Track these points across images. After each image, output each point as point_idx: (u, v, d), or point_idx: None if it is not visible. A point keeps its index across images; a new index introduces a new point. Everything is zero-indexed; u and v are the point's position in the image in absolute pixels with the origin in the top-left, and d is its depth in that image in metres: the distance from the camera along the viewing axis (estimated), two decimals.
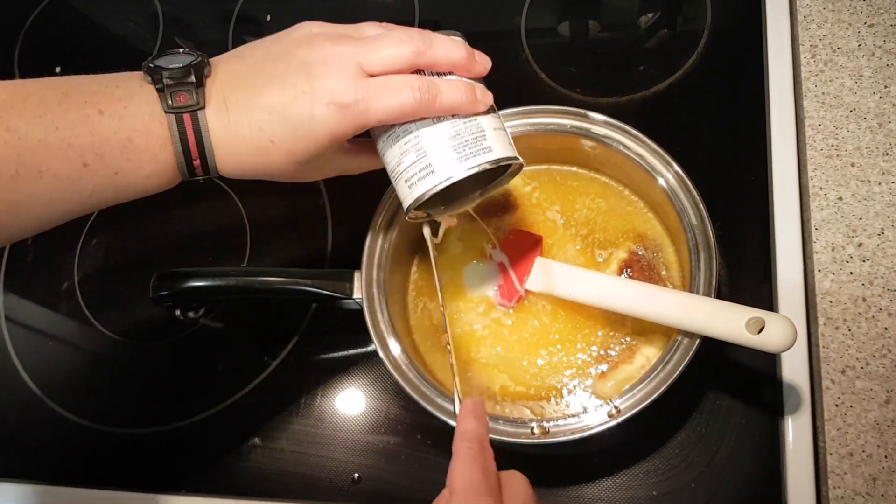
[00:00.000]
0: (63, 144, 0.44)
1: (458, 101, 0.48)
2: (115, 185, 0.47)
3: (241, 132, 0.48)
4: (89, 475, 0.72)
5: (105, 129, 0.45)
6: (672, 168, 0.62)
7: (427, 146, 0.49)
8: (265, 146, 0.48)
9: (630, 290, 0.60)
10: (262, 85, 0.48)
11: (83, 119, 0.45)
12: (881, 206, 0.64)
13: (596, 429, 0.55)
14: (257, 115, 0.47)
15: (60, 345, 0.80)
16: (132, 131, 0.46)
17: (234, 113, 0.47)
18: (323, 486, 0.67)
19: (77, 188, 0.46)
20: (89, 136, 0.45)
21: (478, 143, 0.49)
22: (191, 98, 0.47)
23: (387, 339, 0.62)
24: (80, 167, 0.45)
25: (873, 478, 0.57)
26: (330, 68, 0.47)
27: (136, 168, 0.47)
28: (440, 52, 0.48)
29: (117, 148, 0.46)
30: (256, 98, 0.47)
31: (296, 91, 0.47)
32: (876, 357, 0.60)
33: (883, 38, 0.70)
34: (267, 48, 0.50)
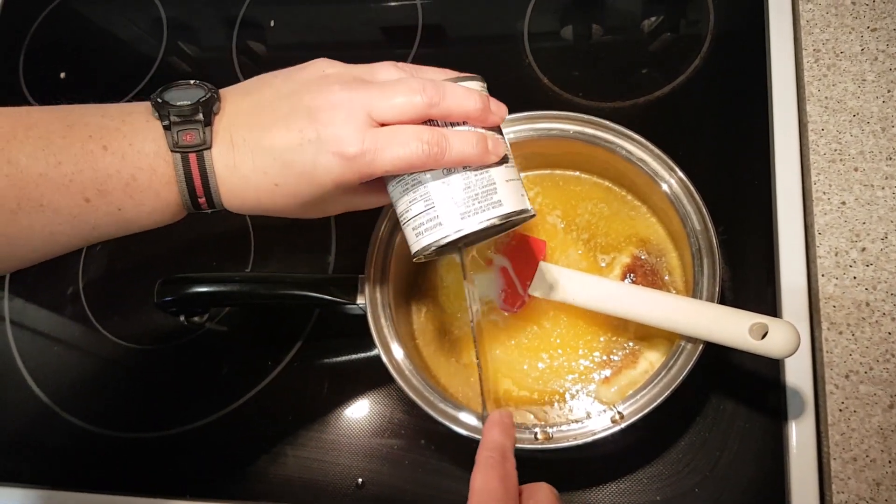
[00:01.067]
0: (65, 180, 0.44)
1: (468, 154, 0.47)
2: (118, 221, 0.47)
3: (245, 174, 0.47)
4: (94, 479, 0.72)
5: (108, 167, 0.45)
6: (675, 173, 0.62)
7: (435, 198, 0.48)
8: (270, 189, 0.47)
9: (633, 295, 0.60)
10: (267, 126, 0.46)
11: (86, 154, 0.44)
12: (885, 211, 0.64)
13: (599, 434, 0.55)
14: (262, 158, 0.46)
15: (65, 349, 0.81)
16: (136, 169, 0.45)
17: (240, 154, 0.46)
18: (327, 491, 0.67)
19: (78, 223, 0.45)
20: (92, 172, 0.44)
21: (487, 197, 0.48)
22: (197, 137, 0.46)
23: (390, 344, 0.62)
24: (82, 202, 0.45)
25: (877, 483, 0.57)
26: (337, 115, 0.45)
27: (139, 205, 0.46)
28: (453, 103, 0.47)
29: (120, 186, 0.45)
30: (261, 140, 0.46)
31: (301, 137, 0.45)
32: (880, 362, 0.60)
33: (886, 42, 0.70)
34: (277, 87, 0.48)
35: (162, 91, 0.47)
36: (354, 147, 0.45)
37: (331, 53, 0.68)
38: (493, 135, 0.49)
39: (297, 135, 0.45)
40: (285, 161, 0.46)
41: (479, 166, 0.48)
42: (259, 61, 0.90)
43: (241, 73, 0.89)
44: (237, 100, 0.48)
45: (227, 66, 0.90)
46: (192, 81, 0.48)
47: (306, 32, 0.91)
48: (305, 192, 0.47)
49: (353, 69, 0.50)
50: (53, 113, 0.46)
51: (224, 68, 0.89)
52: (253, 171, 0.46)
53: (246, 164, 0.46)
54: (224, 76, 0.89)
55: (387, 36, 0.89)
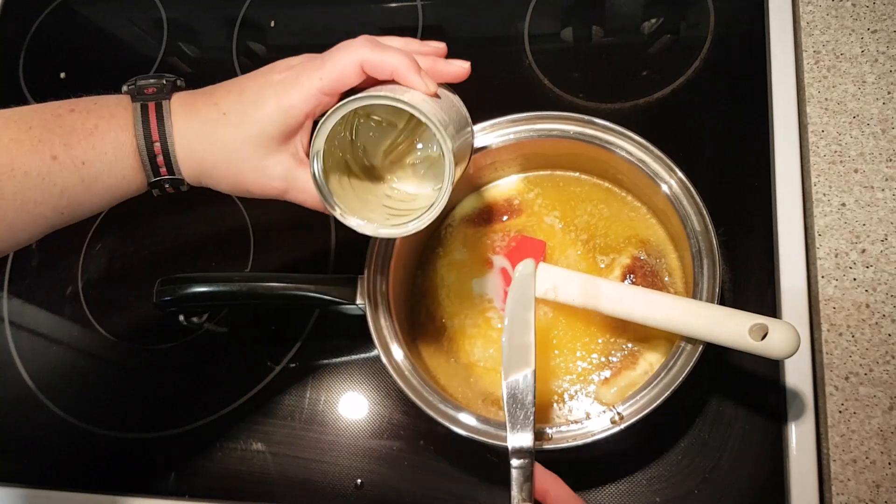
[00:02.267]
0: (34, 140, 0.47)
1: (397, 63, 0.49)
2: (83, 179, 0.49)
3: (198, 109, 0.51)
4: (92, 480, 0.72)
5: (74, 122, 0.49)
6: (675, 174, 0.62)
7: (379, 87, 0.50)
8: (217, 118, 0.51)
9: (633, 296, 0.59)
10: (229, 83, 0.53)
11: (56, 118, 0.49)
12: (885, 212, 0.64)
13: (599, 435, 0.55)
14: (216, 95, 0.52)
15: (64, 349, 0.80)
16: (98, 118, 0.49)
17: (198, 101, 0.52)
18: (325, 492, 0.67)
19: (47, 184, 0.48)
20: (59, 129, 0.48)
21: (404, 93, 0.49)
22: (158, 92, 0.51)
23: (390, 344, 0.62)
24: (49, 160, 0.47)
25: (877, 484, 0.57)
26: (290, 73, 0.51)
27: (100, 154, 0.49)
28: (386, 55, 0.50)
29: (83, 136, 0.49)
30: (219, 90, 0.52)
31: (254, 83, 0.52)
32: (879, 363, 0.60)
33: (886, 44, 0.70)
34: (242, 76, 0.54)
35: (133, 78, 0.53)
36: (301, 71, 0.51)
37: None
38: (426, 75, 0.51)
39: (253, 82, 0.52)
40: (238, 90, 0.52)
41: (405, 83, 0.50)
42: (259, 62, 0.89)
43: (241, 73, 0.88)
44: (204, 88, 0.54)
45: (227, 66, 0.90)
46: (165, 75, 0.53)
47: (306, 33, 0.91)
48: (251, 117, 0.50)
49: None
50: (32, 106, 0.50)
51: (224, 68, 0.89)
52: (207, 105, 0.51)
53: (201, 104, 0.51)
54: (224, 77, 0.88)
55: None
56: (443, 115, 0.50)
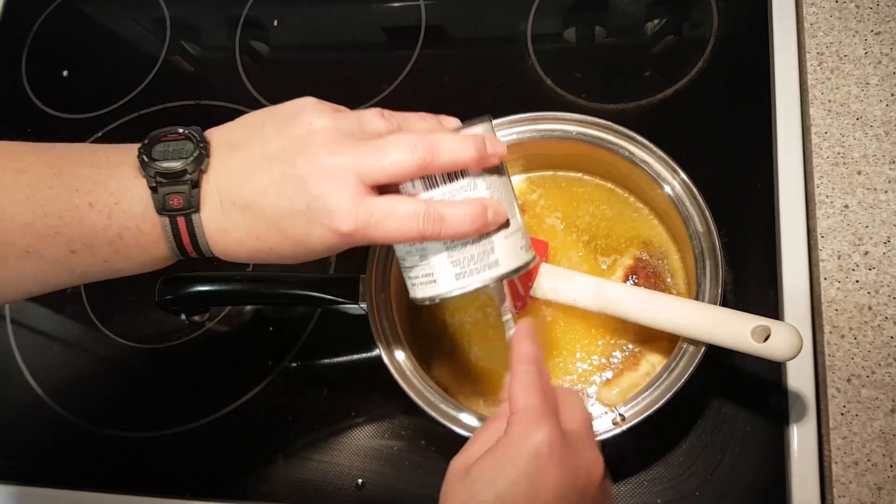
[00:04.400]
0: (50, 231, 0.44)
1: (465, 230, 0.45)
2: (106, 271, 0.47)
3: (238, 238, 0.46)
4: (93, 478, 0.72)
5: (94, 224, 0.45)
6: (678, 175, 0.62)
7: (430, 257, 0.47)
8: (265, 251, 0.47)
9: (635, 297, 0.59)
10: (260, 191, 0.45)
11: (72, 209, 0.44)
12: (887, 215, 0.64)
13: (600, 436, 0.55)
14: (255, 224, 0.45)
15: (66, 348, 0.80)
16: (122, 229, 0.45)
17: (231, 219, 0.46)
18: (326, 492, 0.67)
19: (66, 270, 0.46)
20: (78, 227, 0.44)
21: (484, 258, 0.47)
22: (184, 201, 0.45)
23: (391, 344, 0.62)
24: (68, 253, 0.45)
25: (878, 487, 0.57)
26: (326, 186, 0.44)
27: (126, 259, 0.47)
28: (447, 159, 0.45)
29: (106, 242, 0.45)
30: (255, 206, 0.45)
31: (292, 207, 0.44)
32: (882, 366, 0.60)
33: (890, 45, 0.70)
34: (265, 141, 0.46)
35: (149, 145, 0.46)
36: (347, 225, 0.44)
37: (334, 54, 0.68)
38: (494, 201, 0.47)
39: (288, 204, 0.44)
40: (280, 228, 0.45)
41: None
42: (262, 61, 0.90)
43: (243, 72, 0.89)
44: (225, 155, 0.47)
45: (230, 65, 0.90)
46: (181, 131, 0.47)
47: (309, 32, 0.91)
48: (300, 256, 0.47)
49: (341, 121, 0.46)
50: (45, 156, 0.45)
51: (227, 68, 0.89)
52: (247, 236, 0.46)
53: (238, 230, 0.46)
54: (227, 76, 0.89)
55: (389, 36, 0.89)
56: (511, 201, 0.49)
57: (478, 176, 0.47)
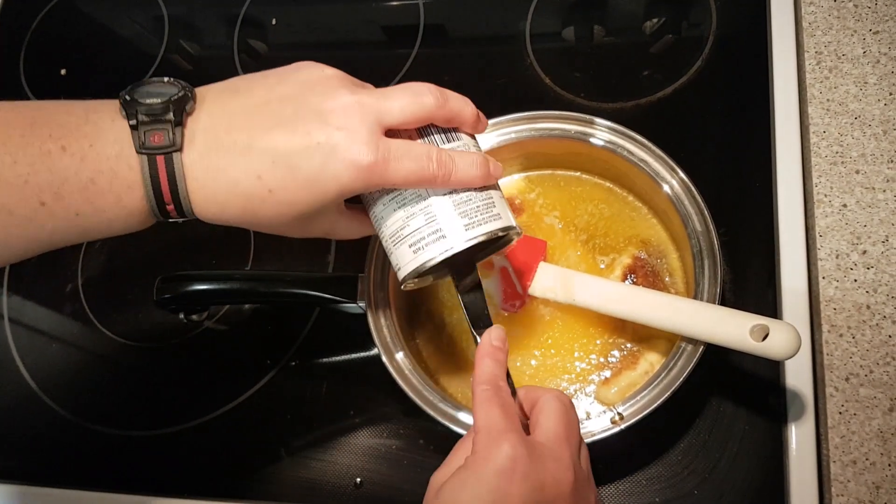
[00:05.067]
0: (19, 180, 0.41)
1: (473, 176, 0.47)
2: (76, 226, 0.44)
3: (233, 176, 0.44)
4: (91, 478, 0.72)
5: (65, 169, 0.42)
6: (677, 174, 0.62)
7: (437, 211, 0.47)
8: (261, 195, 0.44)
9: (634, 296, 0.59)
10: (266, 128, 0.43)
11: (43, 155, 0.41)
12: (886, 214, 0.64)
13: (599, 435, 0.55)
14: (258, 160, 0.43)
15: (64, 347, 0.80)
16: (94, 172, 0.42)
17: (229, 157, 0.43)
18: (325, 491, 0.67)
19: (33, 227, 0.43)
20: (48, 173, 0.41)
21: (488, 210, 0.48)
22: (166, 138, 0.42)
23: (389, 343, 0.62)
24: (37, 205, 0.42)
25: (877, 486, 0.57)
26: (350, 120, 0.43)
27: (99, 211, 0.43)
28: (455, 107, 0.47)
29: (77, 189, 0.42)
30: (259, 141, 0.43)
31: (309, 140, 0.43)
32: (880, 365, 0.60)
33: (888, 45, 0.70)
34: (270, 86, 0.45)
35: (132, 88, 0.44)
36: (369, 156, 0.43)
37: (332, 52, 0.68)
38: (492, 158, 0.49)
39: (304, 138, 0.43)
40: (289, 165, 0.43)
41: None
42: (260, 59, 0.90)
43: (242, 71, 0.89)
44: (223, 99, 0.45)
45: (228, 64, 0.90)
46: (167, 79, 0.45)
47: (308, 31, 0.91)
48: (303, 200, 0.44)
49: (349, 76, 0.47)
50: (19, 110, 0.43)
51: (225, 66, 0.89)
52: (244, 174, 0.43)
53: (235, 167, 0.43)
54: (225, 74, 0.88)
55: (388, 35, 0.89)
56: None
57: (469, 140, 0.50)
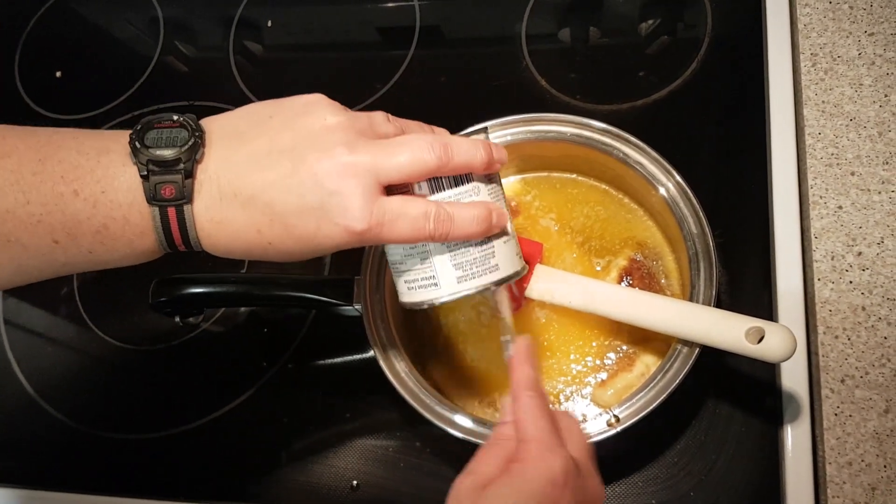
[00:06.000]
0: (32, 219, 0.42)
1: (471, 232, 0.46)
2: (89, 262, 0.45)
3: (236, 229, 0.44)
4: (86, 481, 0.72)
5: (78, 213, 0.43)
6: (672, 176, 0.62)
7: (434, 261, 0.47)
8: (262, 245, 0.45)
9: (629, 299, 0.59)
10: (267, 183, 0.43)
11: (56, 197, 0.42)
12: (881, 215, 0.64)
13: (595, 437, 0.55)
14: (257, 216, 0.44)
15: (59, 349, 0.80)
16: (108, 219, 0.43)
17: (230, 209, 0.44)
18: (321, 493, 0.67)
19: (48, 260, 0.44)
20: (61, 215, 0.42)
21: (486, 262, 0.48)
22: (177, 191, 0.43)
23: (386, 346, 0.61)
24: (51, 243, 0.43)
25: (872, 487, 0.57)
26: (344, 183, 0.43)
27: (111, 251, 0.44)
28: (460, 161, 0.46)
29: (90, 232, 0.43)
30: (259, 196, 0.44)
31: (303, 203, 0.43)
32: (875, 366, 0.60)
33: (883, 46, 0.70)
34: (273, 134, 0.45)
35: (142, 130, 0.44)
36: (361, 224, 0.43)
37: (328, 54, 0.68)
38: (497, 207, 0.48)
39: (298, 200, 0.43)
40: (285, 224, 0.44)
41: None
42: (256, 61, 0.90)
43: (237, 72, 0.88)
44: (228, 146, 0.45)
45: (223, 65, 0.89)
46: (176, 118, 0.45)
47: (303, 33, 0.91)
48: (300, 252, 0.45)
49: (354, 120, 0.46)
50: (29, 140, 0.43)
51: (221, 68, 0.89)
52: (245, 227, 0.44)
53: (237, 220, 0.44)
54: (221, 76, 0.89)
55: (384, 37, 0.89)
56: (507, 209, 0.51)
57: (480, 181, 0.48)
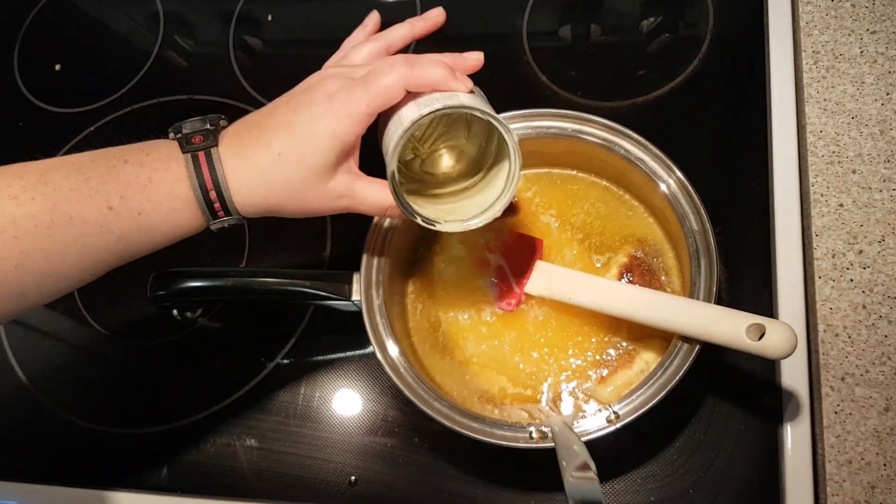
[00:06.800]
0: (92, 191, 0.50)
1: (435, 71, 0.53)
2: (140, 228, 0.52)
3: (250, 154, 0.53)
4: (84, 475, 0.72)
5: (128, 175, 0.51)
6: (673, 173, 0.62)
7: (402, 112, 0.53)
8: (274, 160, 0.53)
9: (630, 295, 0.59)
10: (270, 116, 0.55)
11: (110, 169, 0.51)
12: (882, 213, 0.64)
13: (594, 434, 0.55)
14: (265, 135, 0.53)
15: (57, 343, 0.80)
16: (151, 171, 0.52)
17: (246, 143, 0.54)
18: (319, 489, 0.67)
19: (104, 232, 0.51)
20: (115, 181, 0.51)
21: (455, 98, 0.53)
22: (205, 140, 0.53)
23: (385, 341, 0.61)
24: (106, 210, 0.50)
25: (872, 486, 0.57)
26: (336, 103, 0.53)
27: (156, 206, 0.52)
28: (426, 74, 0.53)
29: (138, 189, 0.51)
30: (265, 127, 0.54)
31: (297, 106, 0.54)
32: (876, 364, 0.60)
33: (885, 44, 0.70)
34: (277, 100, 0.57)
35: (177, 126, 0.55)
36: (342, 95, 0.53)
37: (329, 49, 0.68)
38: (461, 75, 0.56)
39: (294, 112, 0.54)
40: (287, 128, 0.53)
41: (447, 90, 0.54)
42: (256, 56, 0.90)
43: (237, 67, 0.88)
44: (245, 117, 0.57)
45: (223, 60, 0.89)
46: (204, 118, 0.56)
47: (303, 28, 0.91)
48: (308, 153, 0.53)
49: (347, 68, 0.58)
50: (90, 152, 0.53)
51: (221, 63, 0.89)
52: (258, 149, 0.53)
53: (250, 147, 0.53)
54: (220, 71, 0.88)
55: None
56: (486, 105, 0.55)
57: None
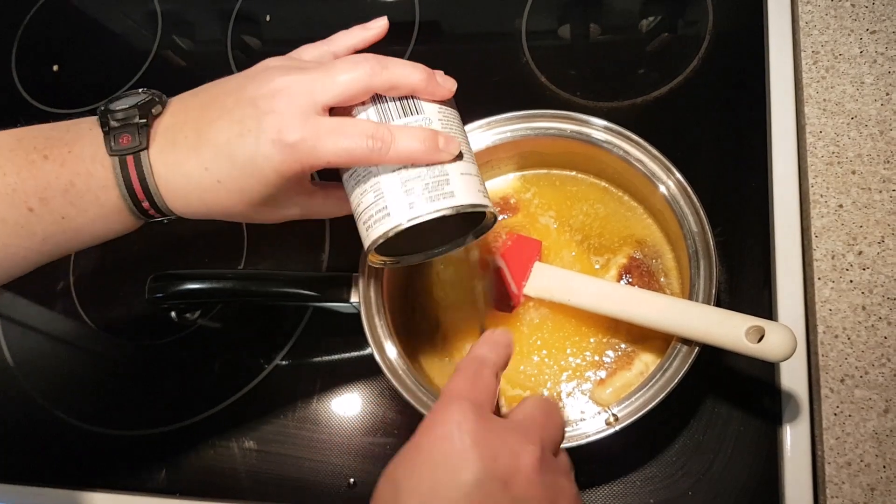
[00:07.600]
0: (8, 189, 0.44)
1: (414, 150, 0.45)
2: (65, 231, 0.47)
3: (187, 171, 0.46)
4: (82, 477, 0.72)
5: (47, 174, 0.45)
6: (673, 174, 0.62)
7: (384, 188, 0.46)
8: (213, 186, 0.46)
9: (629, 297, 0.59)
10: (211, 121, 0.46)
11: (29, 164, 0.45)
12: (882, 214, 0.64)
13: (593, 436, 0.55)
14: (204, 153, 0.45)
15: (55, 345, 0.80)
16: (73, 174, 0.45)
17: (181, 152, 0.46)
18: (318, 491, 0.66)
19: (26, 233, 0.46)
20: (33, 180, 0.45)
21: (439, 188, 0.46)
22: (133, 139, 0.45)
23: (384, 343, 0.61)
24: (26, 211, 0.45)
25: (871, 488, 0.57)
26: (278, 102, 0.45)
27: (82, 212, 0.46)
28: (397, 72, 0.46)
29: (59, 192, 0.45)
30: (204, 136, 0.45)
31: (242, 127, 0.45)
32: (875, 366, 0.60)
33: (885, 45, 0.70)
34: (223, 84, 0.48)
35: (108, 100, 0.47)
36: (294, 134, 0.44)
37: None
38: (447, 133, 0.47)
39: (237, 126, 0.45)
40: (227, 154, 0.45)
41: (428, 164, 0.46)
42: (254, 55, 0.90)
43: (235, 67, 0.88)
44: (185, 99, 0.48)
45: (222, 60, 0.89)
46: (141, 90, 0.48)
47: (302, 27, 0.91)
48: (249, 187, 0.46)
49: (296, 58, 0.50)
50: (10, 133, 0.47)
51: (219, 62, 0.89)
52: (195, 167, 0.46)
53: (188, 162, 0.46)
54: (219, 70, 0.87)
55: None
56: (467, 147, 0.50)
57: (432, 114, 0.48)
